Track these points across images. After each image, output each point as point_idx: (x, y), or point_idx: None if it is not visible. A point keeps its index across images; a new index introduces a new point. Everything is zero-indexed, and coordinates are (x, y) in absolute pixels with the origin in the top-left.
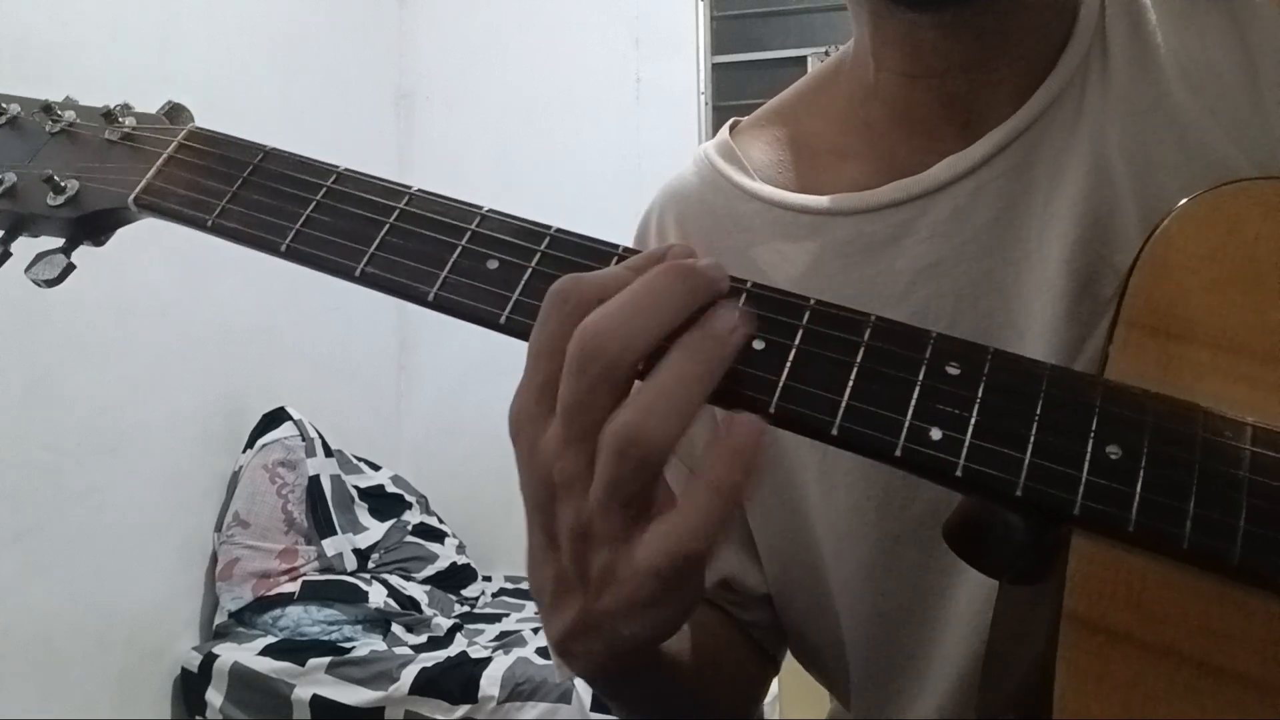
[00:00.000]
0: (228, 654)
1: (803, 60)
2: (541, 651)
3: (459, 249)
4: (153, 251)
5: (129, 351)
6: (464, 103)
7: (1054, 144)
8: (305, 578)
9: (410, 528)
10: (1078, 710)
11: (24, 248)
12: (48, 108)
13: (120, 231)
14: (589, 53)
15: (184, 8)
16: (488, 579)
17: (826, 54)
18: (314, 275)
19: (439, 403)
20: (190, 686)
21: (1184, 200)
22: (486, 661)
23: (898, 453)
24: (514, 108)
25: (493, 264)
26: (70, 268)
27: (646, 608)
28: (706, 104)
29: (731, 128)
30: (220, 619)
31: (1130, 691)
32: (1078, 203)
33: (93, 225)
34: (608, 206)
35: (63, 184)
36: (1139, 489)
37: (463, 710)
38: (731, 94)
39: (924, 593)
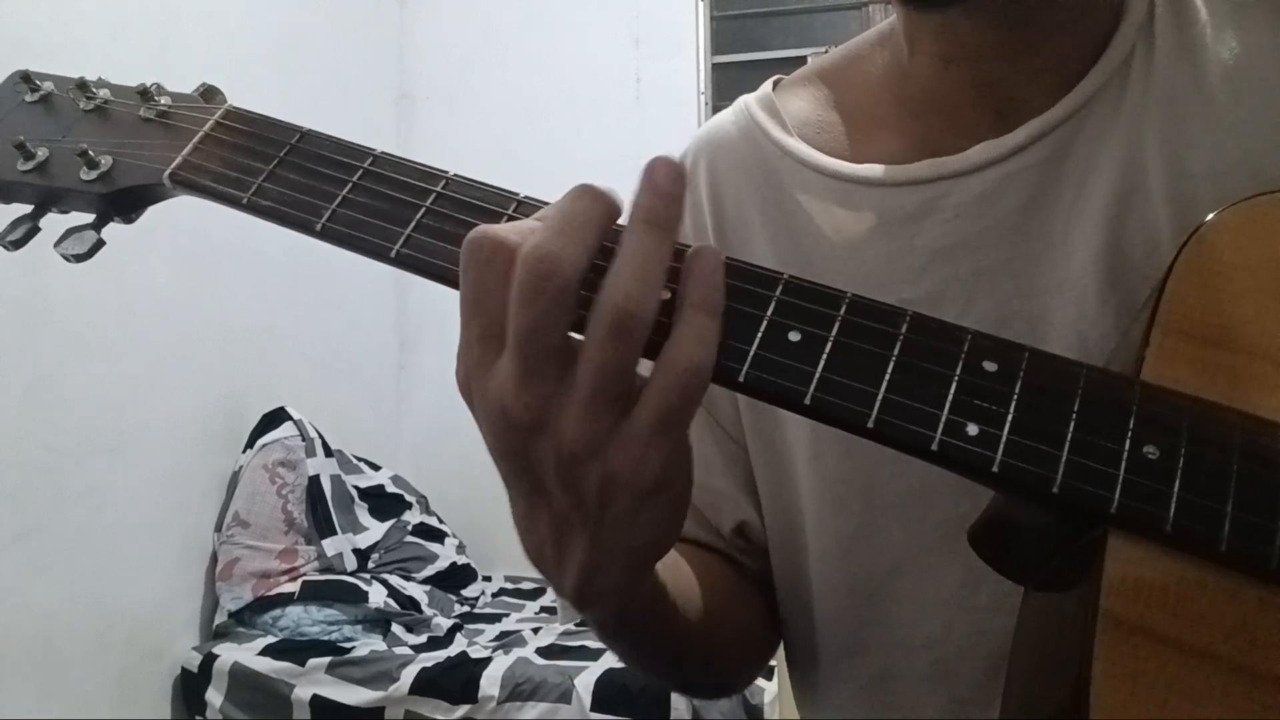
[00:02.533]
0: (228, 654)
1: (803, 60)
2: (541, 651)
3: None
4: (153, 251)
5: (129, 351)
6: (464, 103)
7: (1089, 140)
8: (305, 578)
9: (410, 528)
10: (1115, 711)
11: (51, 225)
12: (82, 85)
13: (120, 233)
14: (589, 53)
15: (184, 8)
16: (488, 579)
17: (826, 54)
18: (315, 275)
19: (439, 403)
20: (190, 686)
21: (1219, 210)
22: (486, 661)
23: (934, 447)
24: (514, 108)
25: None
26: (100, 244)
27: (652, 494)
28: (706, 104)
29: (775, 84)
30: (220, 619)
31: (1167, 693)
32: (1109, 204)
33: (125, 201)
34: None
35: (97, 159)
36: (1177, 489)
37: (463, 710)
38: (731, 94)
39: (900, 571)
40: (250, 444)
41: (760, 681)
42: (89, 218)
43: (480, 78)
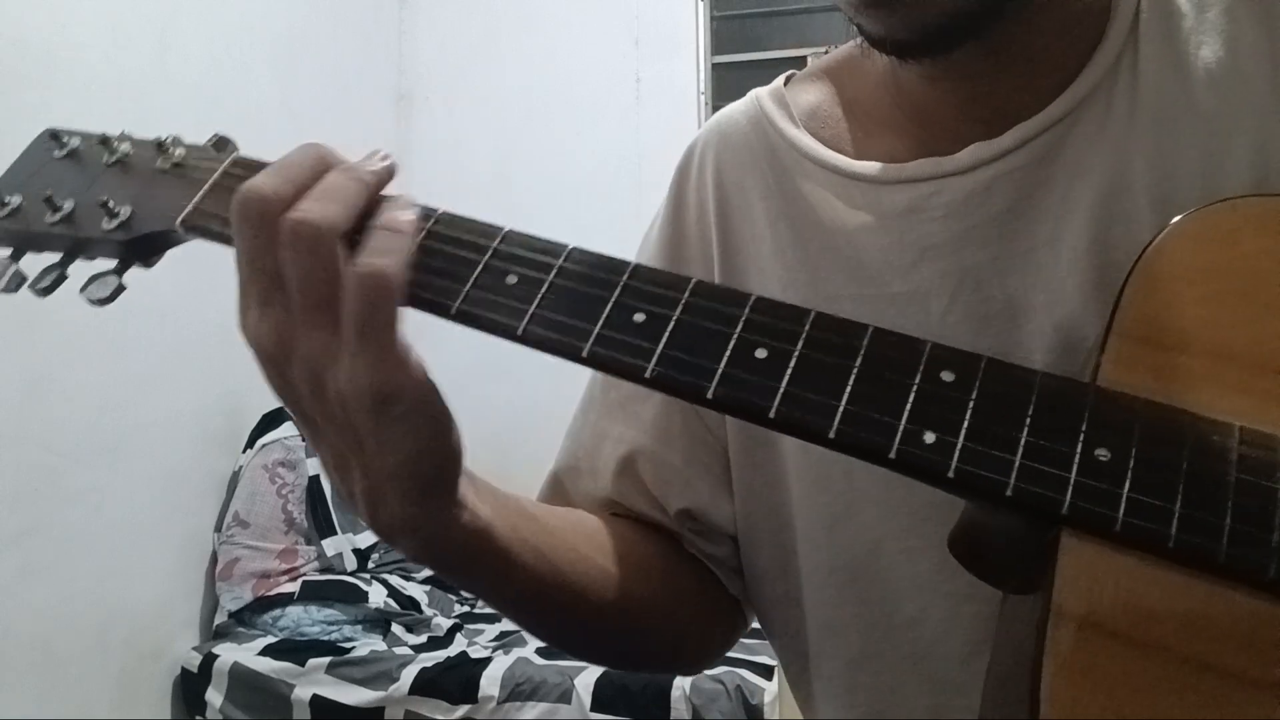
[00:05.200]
0: (228, 654)
1: (803, 60)
2: (542, 651)
3: (481, 265)
4: None
5: (129, 351)
6: (464, 103)
7: (1077, 144)
8: (305, 578)
9: None
10: (1065, 706)
11: (77, 270)
12: (105, 140)
13: None
14: (589, 53)
15: (183, 8)
16: None
17: (826, 54)
18: None
19: None
20: (190, 686)
21: (1178, 217)
22: (486, 661)
23: (892, 455)
24: (514, 108)
25: (512, 279)
26: (121, 288)
27: (381, 405)
28: (706, 104)
29: (788, 79)
30: (220, 619)
31: (1118, 687)
32: (1095, 205)
33: (143, 247)
34: (608, 207)
35: (116, 209)
36: (1126, 489)
37: (463, 710)
38: (731, 94)
39: (879, 553)
40: (250, 444)
41: (760, 681)
42: (112, 263)
43: (480, 78)
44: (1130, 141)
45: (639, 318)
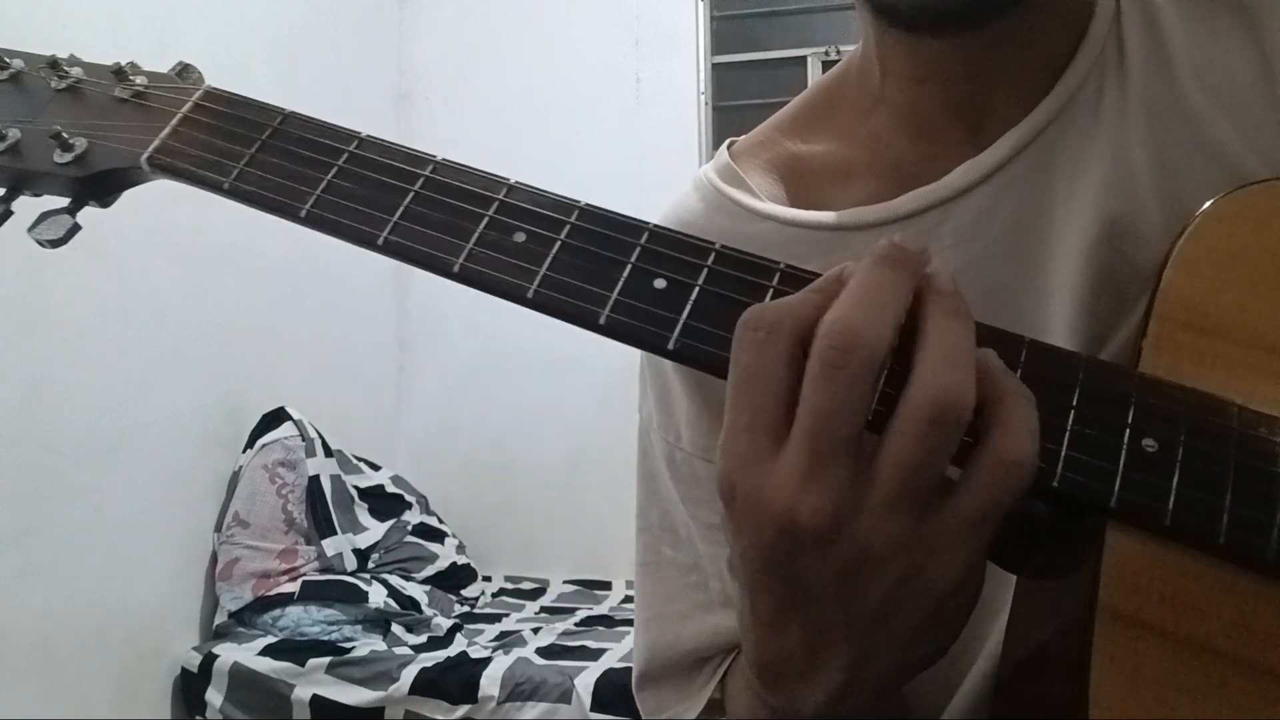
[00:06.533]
0: (228, 654)
1: (803, 60)
2: (542, 651)
3: (485, 220)
4: (153, 251)
5: (129, 351)
6: (464, 102)
7: (1072, 143)
8: (305, 578)
9: (410, 528)
10: (1114, 705)
11: (26, 207)
12: (54, 63)
13: (119, 232)
14: (589, 53)
15: (183, 8)
16: (488, 579)
17: (826, 54)
18: (315, 274)
19: (439, 403)
20: (190, 686)
21: (1213, 199)
22: (486, 661)
23: None
24: (514, 108)
25: (520, 236)
26: (75, 228)
27: (948, 598)
28: (706, 104)
29: (729, 148)
30: (220, 619)
31: (1165, 686)
32: (1098, 199)
33: (100, 185)
34: (607, 206)
35: (71, 141)
36: (1175, 483)
37: (463, 710)
38: (731, 94)
39: None
40: (250, 444)
41: None
42: (63, 201)
43: (480, 78)
44: (1126, 133)
45: (659, 284)
